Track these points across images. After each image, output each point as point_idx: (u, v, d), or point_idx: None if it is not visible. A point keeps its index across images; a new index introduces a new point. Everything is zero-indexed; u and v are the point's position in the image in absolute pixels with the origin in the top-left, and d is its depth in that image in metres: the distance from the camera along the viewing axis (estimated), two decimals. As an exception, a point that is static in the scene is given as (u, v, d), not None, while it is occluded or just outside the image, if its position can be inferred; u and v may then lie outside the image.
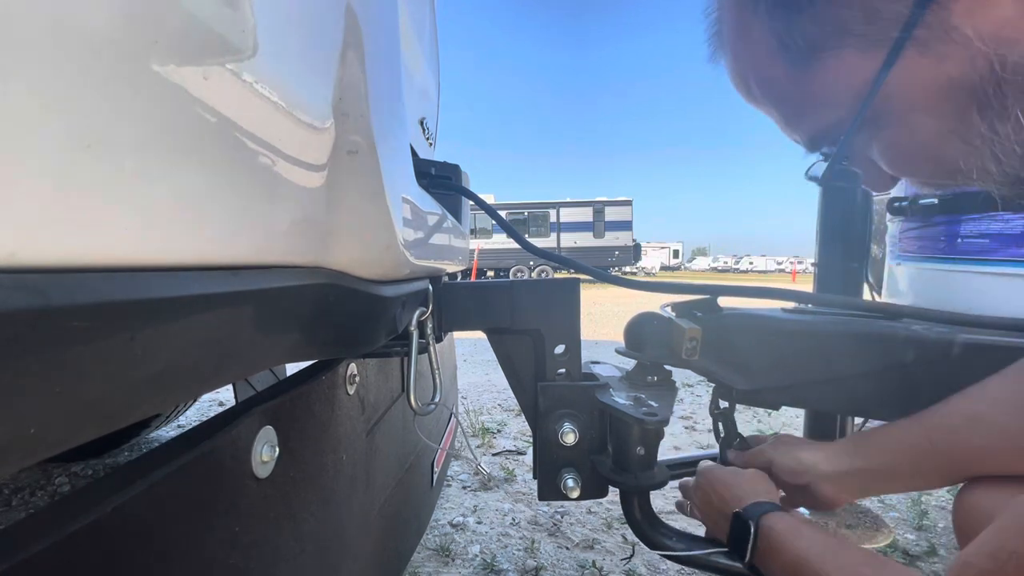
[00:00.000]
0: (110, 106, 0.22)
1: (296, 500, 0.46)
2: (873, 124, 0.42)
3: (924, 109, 0.39)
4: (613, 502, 1.70)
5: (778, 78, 0.44)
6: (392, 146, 0.54)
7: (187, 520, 0.33)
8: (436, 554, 1.48)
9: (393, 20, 0.64)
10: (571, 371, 0.86)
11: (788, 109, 0.47)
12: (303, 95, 0.38)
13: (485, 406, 3.02)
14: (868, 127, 0.43)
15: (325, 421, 0.53)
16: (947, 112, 0.38)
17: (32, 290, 0.19)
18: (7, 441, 0.19)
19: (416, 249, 0.61)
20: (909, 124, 0.40)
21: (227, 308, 0.30)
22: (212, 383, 0.32)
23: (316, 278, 0.42)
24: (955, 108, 0.38)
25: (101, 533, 0.26)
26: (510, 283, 0.86)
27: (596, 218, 19.69)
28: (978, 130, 0.38)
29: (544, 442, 0.84)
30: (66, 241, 0.21)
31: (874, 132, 0.43)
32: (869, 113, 0.40)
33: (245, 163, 0.32)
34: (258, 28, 0.31)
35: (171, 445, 0.35)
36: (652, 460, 0.79)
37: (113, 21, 0.22)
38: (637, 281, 0.94)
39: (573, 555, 1.49)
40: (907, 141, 0.42)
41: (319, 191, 0.42)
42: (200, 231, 0.29)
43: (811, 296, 0.90)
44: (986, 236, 0.96)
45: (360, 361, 0.65)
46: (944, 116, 0.38)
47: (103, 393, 0.23)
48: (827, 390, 0.81)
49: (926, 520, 1.70)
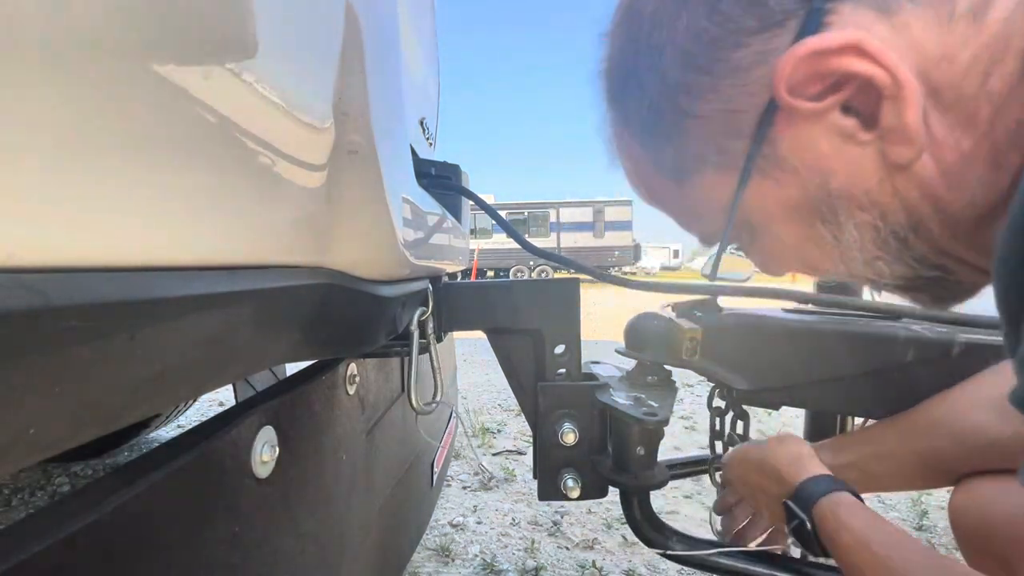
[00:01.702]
0: (110, 106, 0.22)
1: (296, 500, 0.46)
2: (746, 231, 0.48)
3: (781, 222, 0.45)
4: (613, 502, 1.70)
5: (662, 189, 0.51)
6: (392, 146, 0.54)
7: (187, 520, 0.33)
8: (436, 554, 1.48)
9: (393, 20, 0.64)
10: (571, 371, 0.86)
11: (675, 216, 0.53)
12: (303, 95, 0.38)
13: (485, 406, 3.02)
14: (742, 233, 0.49)
15: (325, 421, 0.53)
16: (800, 223, 0.44)
17: (32, 290, 0.19)
18: (7, 441, 0.19)
19: (416, 249, 0.61)
20: (772, 233, 0.47)
21: (227, 308, 0.30)
22: (212, 383, 0.32)
23: (316, 278, 0.42)
24: (804, 221, 0.44)
25: (101, 533, 0.26)
26: (510, 283, 0.86)
27: (596, 218, 19.68)
28: (826, 239, 0.44)
29: (544, 442, 0.84)
30: (66, 241, 0.21)
31: (748, 238, 0.50)
32: (739, 223, 0.47)
33: (245, 163, 0.32)
34: (258, 28, 0.31)
35: (171, 445, 0.35)
36: (652, 460, 0.79)
37: (113, 21, 0.22)
38: (637, 281, 0.94)
39: (573, 555, 1.49)
40: (774, 246, 0.49)
41: (319, 191, 0.42)
42: (200, 231, 0.29)
43: (811, 296, 0.90)
44: (986, 236, 0.96)
45: (360, 361, 0.65)
46: (799, 226, 0.45)
47: (103, 393, 0.23)
48: (827, 390, 0.81)
49: (926, 520, 1.70)
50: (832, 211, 0.42)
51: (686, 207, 0.51)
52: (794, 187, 0.42)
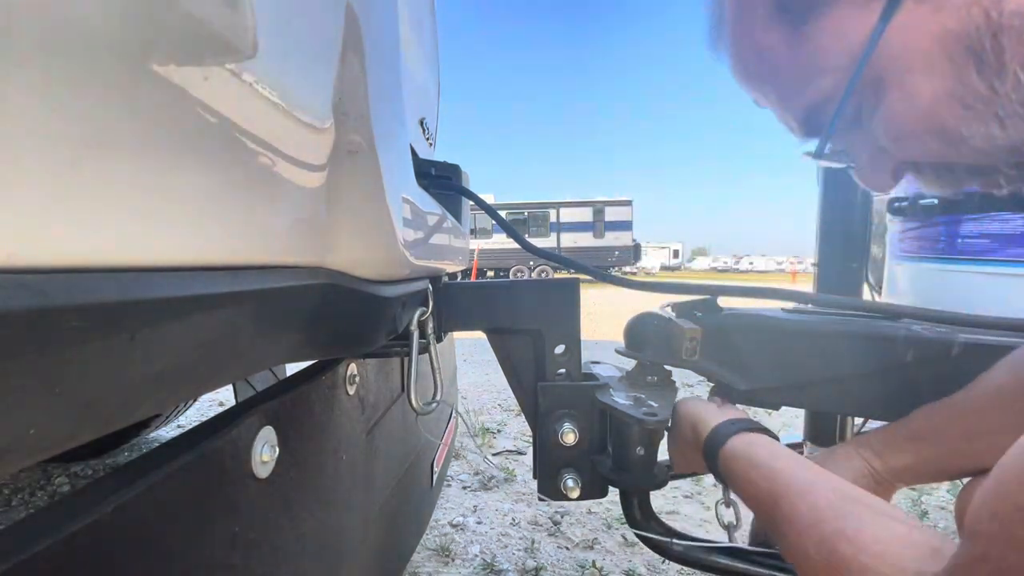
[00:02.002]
0: (110, 106, 0.22)
1: (296, 500, 0.46)
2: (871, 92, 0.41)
3: (921, 69, 0.38)
4: (613, 502, 1.70)
5: (775, 46, 0.44)
6: (392, 146, 0.54)
7: (187, 520, 0.33)
8: (436, 554, 1.48)
9: (393, 20, 0.64)
10: (571, 371, 0.86)
11: (784, 82, 0.46)
12: (303, 95, 0.38)
13: (485, 406, 3.02)
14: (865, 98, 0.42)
15: (325, 421, 0.53)
16: (945, 72, 0.38)
17: (32, 290, 0.19)
18: (7, 441, 0.19)
19: (416, 249, 0.61)
20: (907, 88, 0.40)
21: (227, 308, 0.30)
22: (212, 383, 0.32)
23: (316, 278, 0.42)
24: (953, 67, 0.37)
25: (101, 533, 0.26)
26: (510, 283, 0.86)
27: (596, 218, 19.68)
28: (977, 91, 0.37)
29: (544, 442, 0.84)
30: (66, 241, 0.21)
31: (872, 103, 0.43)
32: (866, 78, 0.40)
33: (245, 163, 0.32)
34: (258, 28, 0.31)
35: (171, 445, 0.35)
36: (652, 460, 0.79)
37: (113, 21, 0.22)
38: (637, 281, 0.94)
39: (573, 555, 1.49)
40: (906, 109, 0.41)
41: (319, 191, 0.42)
42: (200, 231, 0.29)
43: (811, 296, 0.90)
44: (986, 236, 0.96)
45: (360, 361, 0.65)
46: (942, 76, 0.38)
47: (103, 393, 0.23)
48: (827, 390, 0.81)
49: (926, 520, 1.70)
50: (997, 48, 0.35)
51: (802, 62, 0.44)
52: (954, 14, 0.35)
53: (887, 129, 0.44)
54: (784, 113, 0.50)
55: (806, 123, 0.48)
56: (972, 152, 0.41)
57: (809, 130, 0.48)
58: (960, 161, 0.44)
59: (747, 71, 0.48)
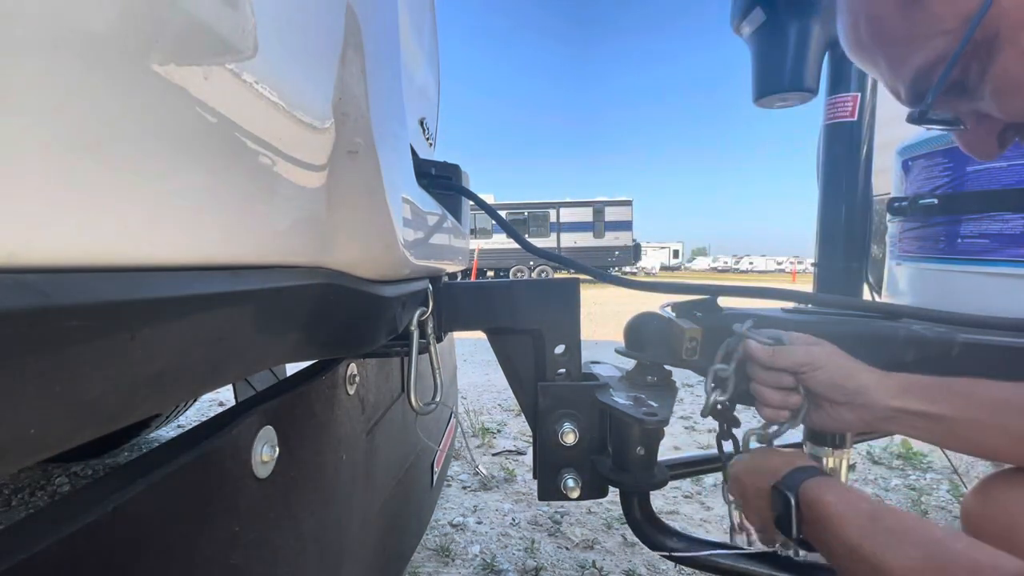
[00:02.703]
0: (110, 106, 0.22)
1: (296, 500, 0.46)
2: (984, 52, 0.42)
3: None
4: (613, 502, 1.70)
5: (887, 14, 0.46)
6: (392, 146, 0.54)
7: (187, 520, 0.33)
8: (436, 554, 1.48)
9: (393, 20, 0.64)
10: (571, 371, 0.86)
11: (895, 48, 0.48)
12: (303, 95, 0.38)
13: (485, 406, 3.02)
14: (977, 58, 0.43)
15: (325, 421, 0.53)
16: None
17: (32, 290, 0.19)
18: (7, 441, 0.19)
19: (416, 249, 0.61)
20: (1020, 46, 0.41)
21: (227, 308, 0.30)
22: (212, 383, 0.32)
23: (316, 278, 0.42)
24: None
25: (101, 533, 0.26)
26: (510, 283, 0.86)
27: (596, 218, 19.68)
28: None
29: (544, 442, 0.84)
30: (66, 241, 0.21)
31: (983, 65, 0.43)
32: (979, 38, 0.41)
33: (245, 163, 0.32)
34: (258, 28, 0.31)
35: (171, 445, 0.35)
36: (652, 460, 0.79)
37: (113, 21, 0.22)
38: (637, 281, 0.94)
39: (573, 555, 1.49)
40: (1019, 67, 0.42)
41: (319, 191, 0.42)
42: (200, 231, 0.29)
43: (811, 296, 0.90)
44: (986, 236, 0.96)
45: (360, 361, 0.65)
46: None
47: (103, 393, 0.23)
48: (827, 390, 0.81)
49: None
50: None
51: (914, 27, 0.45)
52: None
53: (998, 88, 0.45)
54: (894, 79, 0.51)
55: (913, 88, 0.49)
56: None
57: (916, 96, 0.49)
58: None
59: (859, 40, 0.50)
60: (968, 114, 0.50)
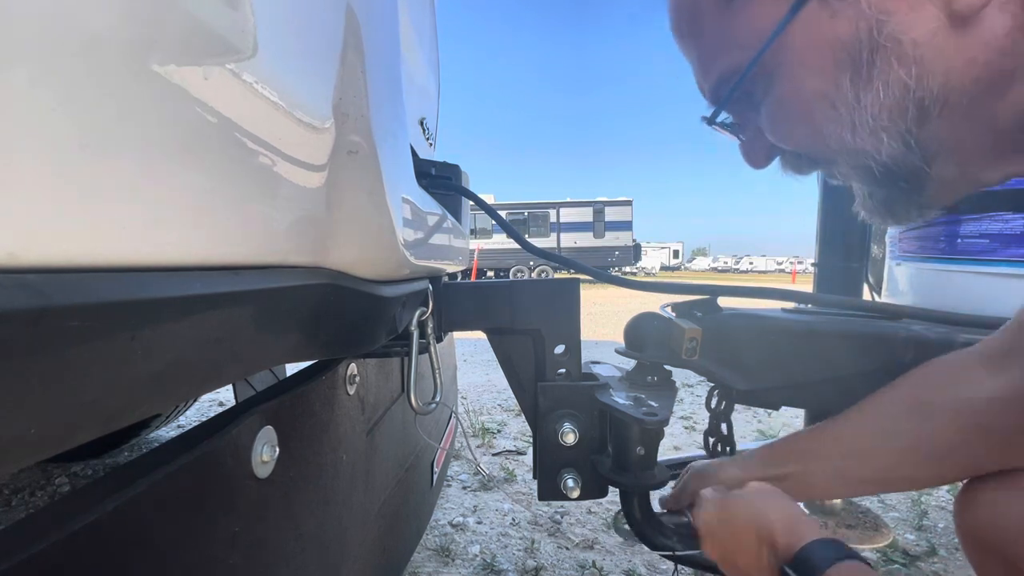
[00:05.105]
0: (110, 106, 0.22)
1: (296, 500, 0.46)
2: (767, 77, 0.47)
3: (810, 65, 0.44)
4: (613, 502, 1.70)
5: (708, 10, 0.49)
6: (392, 146, 0.54)
7: (187, 520, 0.33)
8: (436, 554, 1.48)
9: (393, 20, 0.64)
10: (571, 371, 0.86)
11: (706, 47, 0.51)
12: (303, 95, 0.38)
13: (485, 406, 3.02)
14: (762, 80, 0.47)
15: (325, 421, 0.53)
16: (827, 72, 0.43)
17: (32, 290, 0.19)
18: (7, 441, 0.19)
19: (416, 249, 0.61)
20: (795, 79, 0.45)
21: (227, 308, 0.30)
22: (212, 383, 0.32)
23: (316, 278, 0.42)
24: (833, 70, 0.43)
25: (101, 533, 0.26)
26: (510, 283, 0.86)
27: (596, 218, 19.68)
28: (845, 97, 0.43)
29: (544, 442, 0.84)
30: (66, 241, 0.21)
31: (765, 87, 0.48)
32: (766, 62, 0.45)
33: (245, 163, 0.32)
34: (258, 28, 0.31)
35: (171, 445, 0.35)
36: (652, 460, 0.79)
37: (113, 21, 0.22)
38: (637, 281, 0.94)
39: (573, 555, 1.49)
40: (790, 97, 0.47)
41: (319, 191, 0.42)
42: (200, 231, 0.29)
43: (811, 296, 0.90)
44: (986, 236, 0.96)
45: (360, 361, 0.65)
46: (824, 76, 0.43)
47: (103, 393, 0.23)
48: (827, 390, 0.81)
49: (926, 520, 1.70)
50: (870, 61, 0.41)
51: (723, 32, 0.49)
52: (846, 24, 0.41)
53: (770, 113, 0.50)
54: (701, 76, 0.54)
55: (715, 91, 0.53)
56: (824, 148, 0.47)
57: (715, 98, 0.53)
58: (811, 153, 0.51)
59: (680, 25, 0.53)
60: (749, 125, 0.54)
